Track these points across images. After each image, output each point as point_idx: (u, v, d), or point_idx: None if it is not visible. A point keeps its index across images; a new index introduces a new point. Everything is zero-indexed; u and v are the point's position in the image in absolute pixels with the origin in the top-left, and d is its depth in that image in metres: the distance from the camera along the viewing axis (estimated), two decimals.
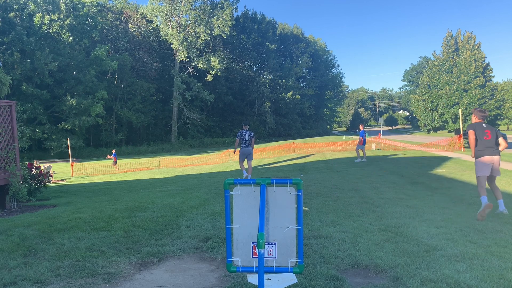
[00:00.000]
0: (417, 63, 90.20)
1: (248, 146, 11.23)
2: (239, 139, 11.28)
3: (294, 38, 63.50)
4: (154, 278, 3.62)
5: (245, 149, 11.33)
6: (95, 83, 40.42)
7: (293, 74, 58.14)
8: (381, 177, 11.48)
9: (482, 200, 5.87)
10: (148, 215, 6.20)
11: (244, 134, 11.20)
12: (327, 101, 75.25)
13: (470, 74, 36.74)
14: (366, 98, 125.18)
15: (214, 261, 4.03)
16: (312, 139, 40.02)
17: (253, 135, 11.25)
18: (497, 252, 4.07)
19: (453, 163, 14.54)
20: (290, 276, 3.24)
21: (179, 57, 47.80)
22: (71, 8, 40.98)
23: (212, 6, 49.66)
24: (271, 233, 2.53)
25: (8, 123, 7.73)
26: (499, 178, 10.38)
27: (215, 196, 8.31)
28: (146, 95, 48.13)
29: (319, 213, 6.32)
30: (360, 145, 17.03)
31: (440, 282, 3.23)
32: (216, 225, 5.49)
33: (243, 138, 11.22)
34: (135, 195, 9.39)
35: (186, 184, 12.36)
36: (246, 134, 11.17)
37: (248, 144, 11.20)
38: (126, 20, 49.18)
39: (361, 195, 8.11)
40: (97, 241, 4.67)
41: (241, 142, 11.32)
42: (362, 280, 3.41)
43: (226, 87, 52.61)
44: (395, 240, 4.53)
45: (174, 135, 49.69)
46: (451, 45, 39.57)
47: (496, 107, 35.98)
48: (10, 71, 33.50)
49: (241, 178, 2.43)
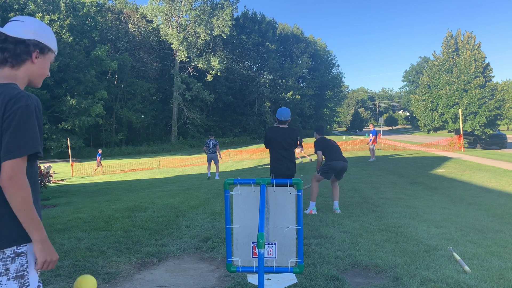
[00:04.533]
0: (417, 63, 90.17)
1: (213, 152, 13.62)
2: (205, 147, 13.77)
3: (294, 38, 63.46)
4: (154, 278, 3.62)
5: (211, 154, 13.67)
6: (95, 83, 40.41)
7: (293, 74, 58.09)
8: (381, 177, 11.47)
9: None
10: (148, 215, 6.20)
11: (209, 143, 13.74)
12: (327, 101, 75.18)
13: (470, 74, 36.70)
14: (366, 98, 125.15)
15: (214, 261, 4.03)
16: (312, 139, 40.01)
17: (217, 143, 13.82)
18: (497, 252, 4.07)
19: (453, 163, 14.54)
20: (290, 276, 3.24)
21: (179, 57, 47.78)
22: (71, 8, 40.98)
23: (212, 6, 49.62)
24: (271, 233, 2.53)
25: None
26: (499, 178, 10.39)
27: (215, 196, 8.32)
28: (146, 95, 48.12)
29: (319, 213, 6.33)
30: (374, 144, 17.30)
31: (440, 282, 3.23)
32: (216, 225, 5.49)
33: (208, 146, 13.68)
34: (135, 195, 9.39)
35: (186, 184, 12.37)
36: (210, 143, 13.69)
37: (213, 150, 13.62)
38: (126, 20, 49.16)
39: (361, 195, 8.11)
40: (97, 241, 4.67)
41: (208, 149, 13.70)
42: (362, 280, 3.41)
43: (226, 87, 52.57)
44: (395, 240, 4.53)
45: (174, 135, 49.67)
46: (451, 45, 39.53)
47: (496, 107, 35.93)
48: None
49: (240, 178, 2.43)
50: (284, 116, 5.24)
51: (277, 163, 5.22)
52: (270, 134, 5.25)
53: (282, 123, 5.27)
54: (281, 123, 5.28)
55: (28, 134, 1.46)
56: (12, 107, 1.46)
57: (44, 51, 1.67)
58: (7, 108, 1.47)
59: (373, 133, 17.32)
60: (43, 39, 1.66)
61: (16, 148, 1.44)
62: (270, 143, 5.26)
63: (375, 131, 17.33)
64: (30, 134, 1.47)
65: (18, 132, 1.45)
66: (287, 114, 5.25)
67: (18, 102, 1.47)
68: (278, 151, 5.20)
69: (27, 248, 1.52)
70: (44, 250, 1.52)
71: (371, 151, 17.34)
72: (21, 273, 1.51)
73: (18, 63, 1.61)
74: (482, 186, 9.33)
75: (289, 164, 5.23)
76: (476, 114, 36.22)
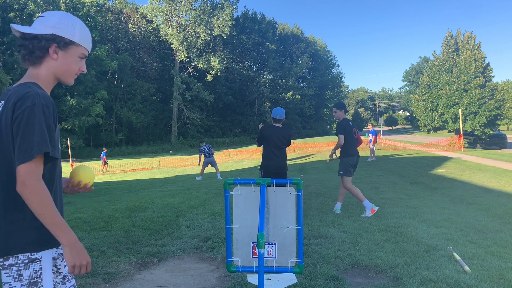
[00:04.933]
0: (417, 63, 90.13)
1: (210, 156, 14.41)
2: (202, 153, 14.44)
3: (294, 38, 63.45)
4: (154, 278, 3.62)
5: (209, 158, 14.41)
6: (95, 83, 40.42)
7: (293, 74, 58.08)
8: (381, 177, 11.47)
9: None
10: (148, 215, 6.20)
11: (204, 148, 14.52)
12: (327, 101, 75.15)
13: (470, 74, 36.68)
14: (366, 98, 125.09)
15: (214, 261, 4.03)
16: (312, 139, 40.02)
17: (211, 146, 14.71)
18: (497, 252, 4.07)
19: (453, 163, 14.54)
20: (290, 276, 3.24)
21: (179, 57, 47.78)
22: (71, 8, 40.99)
23: (212, 6, 49.62)
24: (271, 233, 2.53)
25: None
26: (499, 178, 10.39)
27: (215, 196, 8.32)
28: (146, 95, 48.11)
29: (319, 213, 6.32)
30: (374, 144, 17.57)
31: (440, 282, 3.23)
32: (216, 225, 5.49)
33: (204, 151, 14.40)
34: (135, 195, 9.39)
35: (186, 184, 12.37)
36: (205, 148, 14.49)
37: (210, 154, 14.41)
38: (126, 20, 49.16)
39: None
40: (97, 241, 4.67)
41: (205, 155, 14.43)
42: (362, 280, 3.41)
43: (226, 87, 52.56)
44: (395, 240, 4.53)
45: (174, 135, 49.66)
46: (451, 45, 39.51)
47: (496, 107, 35.90)
48: (10, 71, 33.47)
49: (240, 178, 2.44)
50: (279, 115, 5.47)
51: (268, 161, 5.40)
52: (265, 132, 5.44)
53: (277, 121, 5.49)
54: (276, 121, 5.50)
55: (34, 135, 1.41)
56: (19, 109, 1.43)
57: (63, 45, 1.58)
58: (15, 110, 1.44)
59: (372, 133, 17.49)
60: (62, 33, 1.57)
61: (25, 152, 1.39)
62: (264, 141, 5.45)
63: (374, 131, 17.52)
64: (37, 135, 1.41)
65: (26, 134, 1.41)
66: (281, 113, 5.48)
67: (24, 102, 1.43)
68: (271, 149, 5.39)
69: (42, 255, 1.48)
70: (72, 254, 1.45)
71: (371, 151, 17.51)
72: (35, 280, 1.47)
73: (34, 60, 1.55)
74: (482, 186, 9.32)
75: (281, 162, 5.41)
76: (476, 114, 36.21)
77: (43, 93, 1.50)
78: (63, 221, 1.47)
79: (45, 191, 1.42)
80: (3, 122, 1.48)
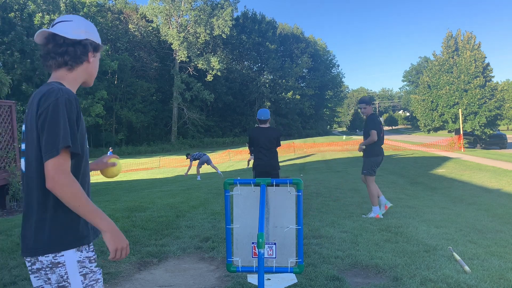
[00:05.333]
0: (417, 63, 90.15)
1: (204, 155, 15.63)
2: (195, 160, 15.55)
3: (294, 38, 63.45)
4: (154, 278, 3.62)
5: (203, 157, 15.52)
6: (95, 83, 40.32)
7: (293, 74, 58.07)
8: (381, 177, 11.47)
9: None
10: (148, 215, 6.20)
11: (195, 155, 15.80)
12: (327, 101, 75.17)
13: (470, 74, 36.66)
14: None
15: (214, 261, 4.03)
16: (312, 139, 40.02)
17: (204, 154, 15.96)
18: (497, 252, 4.07)
19: (453, 163, 14.54)
20: (290, 276, 3.24)
21: (179, 57, 47.77)
22: (71, 8, 40.98)
23: (212, 6, 49.61)
24: (271, 233, 2.53)
25: (8, 123, 7.74)
26: (499, 178, 10.39)
27: (215, 196, 8.32)
28: (146, 95, 48.10)
29: (319, 213, 6.32)
30: None
31: (440, 282, 3.23)
32: (216, 225, 5.48)
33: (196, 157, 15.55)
34: (135, 195, 9.39)
35: (186, 184, 12.37)
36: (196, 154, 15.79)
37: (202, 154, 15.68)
38: (126, 20, 49.15)
39: (361, 195, 8.11)
40: (97, 241, 4.66)
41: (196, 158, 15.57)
42: (362, 280, 3.41)
43: (226, 87, 52.55)
44: (395, 240, 4.52)
45: (174, 135, 49.66)
46: (451, 45, 39.49)
47: (496, 107, 35.88)
48: (10, 71, 33.47)
49: (240, 178, 2.45)
50: (263, 116, 5.55)
51: (258, 161, 5.51)
52: (251, 134, 5.56)
53: (263, 122, 5.57)
54: (261, 122, 5.58)
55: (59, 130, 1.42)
56: (43, 105, 1.45)
57: (97, 49, 1.66)
58: (39, 107, 1.46)
59: None
60: (94, 37, 1.64)
61: (50, 147, 1.41)
62: (253, 143, 5.55)
63: None
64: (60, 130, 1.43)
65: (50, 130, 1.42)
66: (266, 114, 5.56)
67: (48, 98, 1.45)
68: (259, 150, 5.48)
69: (65, 259, 1.48)
70: (114, 238, 1.51)
71: None
72: (62, 284, 1.47)
73: (77, 64, 1.59)
74: (482, 186, 9.33)
75: (271, 162, 5.49)
76: (476, 114, 36.19)
77: (66, 89, 1.51)
78: (99, 209, 1.49)
79: (76, 184, 1.44)
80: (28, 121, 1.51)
